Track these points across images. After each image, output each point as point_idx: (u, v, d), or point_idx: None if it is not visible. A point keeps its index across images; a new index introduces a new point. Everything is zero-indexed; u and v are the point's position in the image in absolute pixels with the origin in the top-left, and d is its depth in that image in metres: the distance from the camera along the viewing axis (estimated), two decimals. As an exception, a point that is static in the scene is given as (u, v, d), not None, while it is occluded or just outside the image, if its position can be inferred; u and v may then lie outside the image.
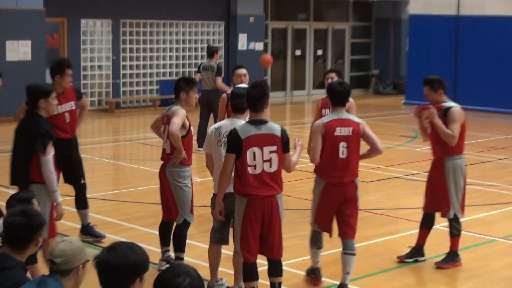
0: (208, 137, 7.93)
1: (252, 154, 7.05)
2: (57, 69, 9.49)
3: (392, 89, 30.20)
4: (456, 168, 8.89)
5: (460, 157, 8.97)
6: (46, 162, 7.50)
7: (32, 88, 7.72)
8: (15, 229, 5.08)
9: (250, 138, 7.05)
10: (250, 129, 7.08)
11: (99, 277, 4.22)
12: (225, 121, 7.92)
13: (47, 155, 7.52)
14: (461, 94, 24.35)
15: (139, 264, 4.21)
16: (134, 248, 4.23)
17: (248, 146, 7.04)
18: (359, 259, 9.18)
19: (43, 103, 7.63)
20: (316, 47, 29.79)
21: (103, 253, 4.19)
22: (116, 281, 4.18)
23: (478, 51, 24.57)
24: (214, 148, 7.80)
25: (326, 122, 7.88)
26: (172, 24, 25.02)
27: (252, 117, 7.20)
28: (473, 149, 16.81)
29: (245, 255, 7.28)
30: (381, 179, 14.02)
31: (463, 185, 8.96)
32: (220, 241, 7.97)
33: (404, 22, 29.24)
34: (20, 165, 7.65)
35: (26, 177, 7.58)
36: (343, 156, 7.89)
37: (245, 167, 7.07)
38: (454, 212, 8.90)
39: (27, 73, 20.79)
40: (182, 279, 3.84)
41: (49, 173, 7.51)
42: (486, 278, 8.76)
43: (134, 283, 4.21)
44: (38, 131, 7.49)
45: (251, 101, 7.15)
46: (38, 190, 7.42)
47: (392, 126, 21.34)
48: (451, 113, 8.80)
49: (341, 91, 7.95)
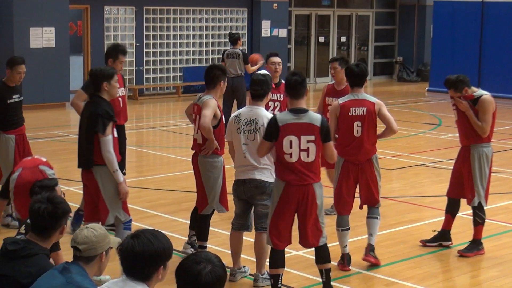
0: (229, 124, 7.93)
1: (289, 142, 7.09)
2: (111, 53, 9.53)
3: (416, 76, 30.04)
4: (482, 156, 8.83)
5: (487, 145, 8.90)
6: (105, 142, 7.64)
7: (95, 71, 7.94)
8: (40, 216, 5.12)
9: (287, 126, 7.09)
10: (289, 117, 7.14)
11: (122, 264, 4.24)
12: (244, 109, 7.92)
13: (107, 135, 7.66)
14: (485, 81, 24.18)
15: (163, 252, 4.23)
16: (158, 236, 4.24)
17: (284, 134, 7.08)
18: (382, 247, 9.19)
19: (106, 86, 7.81)
20: (340, 33, 29.67)
21: (127, 241, 4.21)
22: (140, 269, 4.20)
23: (503, 38, 24.34)
24: (234, 136, 7.81)
25: (341, 103, 8.32)
26: (195, 11, 25.01)
27: (292, 105, 7.27)
28: (498, 137, 16.68)
29: (274, 241, 7.30)
30: (405, 167, 13.96)
31: (488, 173, 8.90)
32: (242, 227, 7.98)
33: (429, 8, 29.03)
34: (84, 147, 7.82)
35: (89, 159, 7.75)
36: (357, 134, 8.25)
37: (282, 155, 7.12)
38: (479, 200, 8.85)
39: (51, 60, 20.91)
40: (203, 266, 3.85)
41: (108, 153, 7.64)
42: (510, 266, 8.71)
43: (158, 271, 4.23)
44: (98, 112, 7.65)
45: (290, 88, 7.26)
46: (101, 172, 7.68)
47: (416, 113, 21.25)
48: (482, 103, 8.73)
49: (358, 72, 8.32)
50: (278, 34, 26.43)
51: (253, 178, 7.67)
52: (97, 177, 7.75)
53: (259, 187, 7.68)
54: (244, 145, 7.71)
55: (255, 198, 7.74)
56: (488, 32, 24.75)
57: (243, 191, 7.76)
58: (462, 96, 8.76)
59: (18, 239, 5.21)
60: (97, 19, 22.96)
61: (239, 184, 7.80)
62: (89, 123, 7.72)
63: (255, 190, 7.70)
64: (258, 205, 7.77)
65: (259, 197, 7.71)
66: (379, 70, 30.89)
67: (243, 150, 7.71)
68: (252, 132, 7.67)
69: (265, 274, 7.89)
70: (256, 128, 7.65)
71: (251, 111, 7.74)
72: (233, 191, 7.91)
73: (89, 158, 7.74)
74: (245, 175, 7.73)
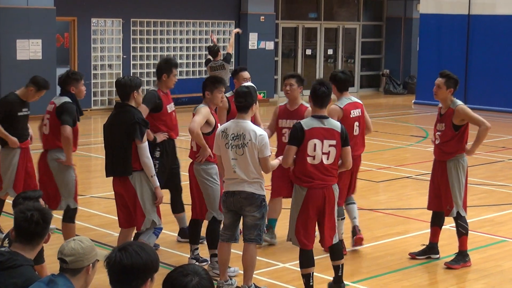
0: (216, 138, 7.96)
1: (313, 145, 7.53)
2: (165, 68, 9.36)
3: (403, 88, 30.14)
4: (458, 167, 8.87)
5: (462, 155, 8.93)
6: (143, 149, 7.87)
7: (125, 81, 8.04)
8: (32, 224, 5.12)
9: (312, 130, 7.55)
10: (314, 123, 7.61)
11: (110, 277, 4.22)
12: (230, 123, 7.91)
13: (144, 142, 7.88)
14: (472, 93, 24.34)
15: (151, 264, 4.23)
16: (145, 248, 4.24)
17: (309, 138, 7.53)
18: (369, 259, 9.20)
19: (136, 94, 7.99)
20: (327, 46, 29.76)
21: (115, 254, 4.19)
22: (128, 281, 4.18)
23: (489, 51, 24.49)
24: (222, 150, 7.84)
25: (343, 107, 9.03)
26: (182, 23, 25.04)
27: (316, 112, 7.71)
28: (484, 149, 16.76)
29: (304, 242, 7.63)
30: (391, 179, 14.00)
31: (465, 183, 8.94)
32: (230, 239, 8.00)
33: (415, 21, 29.17)
34: (120, 156, 7.92)
35: (127, 166, 7.89)
36: (356, 133, 9.13)
37: (305, 157, 7.52)
38: (457, 210, 8.88)
39: (38, 72, 20.64)
40: (190, 279, 3.84)
41: (147, 159, 7.88)
42: (496, 279, 8.73)
43: (145, 283, 4.22)
44: (135, 120, 7.82)
45: (319, 98, 7.69)
46: (138, 177, 7.90)
47: (403, 125, 21.31)
48: (458, 113, 8.78)
49: (346, 77, 9.24)
50: (265, 47, 26.48)
51: (243, 190, 7.73)
52: (135, 183, 7.91)
53: (248, 198, 7.73)
54: (233, 160, 7.75)
55: (244, 210, 7.79)
56: (474, 45, 24.90)
57: (232, 202, 7.81)
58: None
59: (2, 251, 5.19)
60: (84, 31, 22.94)
61: (228, 196, 7.85)
62: (126, 131, 7.84)
63: (244, 201, 7.74)
64: (247, 216, 7.80)
65: (249, 208, 7.75)
66: (366, 83, 30.98)
67: (232, 165, 7.75)
68: (240, 147, 7.71)
69: (252, 286, 7.90)
70: (244, 143, 7.69)
71: (237, 125, 7.76)
72: (222, 203, 7.97)
73: (128, 166, 7.89)
74: (234, 187, 7.78)
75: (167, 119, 9.23)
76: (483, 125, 8.74)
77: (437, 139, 8.97)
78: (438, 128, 8.99)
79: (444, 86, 8.87)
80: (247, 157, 7.66)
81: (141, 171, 7.90)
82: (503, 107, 24.03)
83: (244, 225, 7.87)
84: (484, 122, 8.75)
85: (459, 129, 8.80)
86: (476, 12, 24.86)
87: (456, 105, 8.81)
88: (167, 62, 9.47)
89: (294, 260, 8.78)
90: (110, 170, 8.11)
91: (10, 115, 9.56)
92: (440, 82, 8.90)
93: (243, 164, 7.68)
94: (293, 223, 7.67)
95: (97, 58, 23.44)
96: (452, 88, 8.87)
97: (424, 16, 26.21)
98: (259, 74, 25.82)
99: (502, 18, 24.32)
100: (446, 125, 8.85)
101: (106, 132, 8.14)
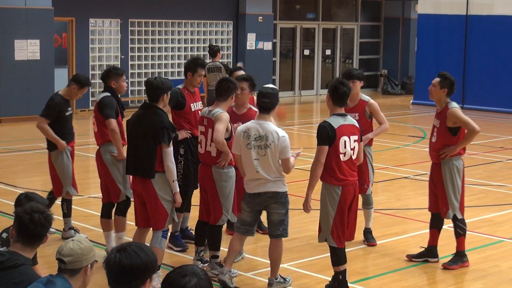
0: (236, 139, 8.00)
1: (343, 142, 7.74)
2: (190, 67, 9.44)
3: (401, 89, 30.16)
4: (453, 169, 8.87)
5: (458, 158, 8.93)
6: (168, 153, 7.90)
7: (157, 84, 8.04)
8: (38, 227, 5.15)
9: (341, 128, 7.74)
10: (340, 120, 7.79)
11: (109, 278, 4.22)
12: (252, 123, 7.97)
13: (170, 146, 7.91)
14: (470, 94, 24.35)
15: (150, 264, 4.23)
16: (144, 249, 4.24)
17: (340, 135, 7.71)
18: (367, 260, 9.20)
19: (165, 97, 8.04)
20: (325, 46, 29.77)
21: (114, 254, 4.19)
22: (128, 282, 4.18)
23: (487, 51, 24.50)
24: (244, 151, 7.91)
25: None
26: (180, 24, 25.03)
27: (336, 111, 7.87)
28: (482, 150, 16.78)
29: (342, 240, 7.83)
30: (389, 180, 14.00)
31: (461, 185, 8.94)
32: (248, 233, 8.18)
33: (413, 21, 29.20)
34: (144, 157, 7.93)
35: (152, 168, 7.90)
36: None
37: (338, 155, 7.72)
38: (454, 213, 8.88)
39: (36, 73, 20.88)
40: (189, 279, 3.85)
41: (171, 163, 7.91)
42: (494, 279, 8.73)
43: (145, 284, 4.22)
44: (164, 124, 7.86)
45: (341, 97, 7.84)
46: (161, 179, 7.91)
47: (401, 126, 21.31)
48: (450, 116, 8.80)
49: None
50: (263, 47, 26.49)
51: (267, 191, 7.90)
52: (157, 184, 7.93)
53: (273, 197, 7.91)
54: (256, 160, 7.85)
55: (269, 207, 7.99)
56: (472, 46, 24.91)
57: (258, 203, 7.99)
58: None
59: (2, 251, 5.21)
60: (82, 32, 22.93)
61: (253, 197, 7.97)
62: (154, 133, 7.86)
63: (269, 200, 7.93)
64: (273, 214, 7.99)
65: (274, 205, 7.94)
66: (364, 83, 30.91)
67: (255, 165, 7.85)
68: (262, 148, 7.81)
69: (278, 278, 8.11)
70: (266, 144, 7.81)
71: (260, 126, 7.87)
72: (246, 203, 8.08)
73: (152, 168, 7.92)
74: (259, 188, 7.91)
75: (190, 117, 9.27)
76: (471, 128, 8.73)
77: (434, 136, 8.99)
78: (434, 124, 9.03)
79: (438, 86, 8.90)
80: (269, 158, 7.80)
81: (162, 173, 7.93)
82: (501, 107, 24.04)
83: (270, 222, 8.06)
84: (473, 125, 8.74)
85: (457, 133, 8.81)
86: (474, 12, 24.88)
87: (450, 107, 8.83)
88: (193, 61, 9.58)
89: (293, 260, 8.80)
90: (132, 170, 8.12)
91: (59, 117, 9.70)
92: (435, 81, 8.96)
93: (265, 164, 7.81)
94: (329, 224, 7.79)
95: (95, 58, 23.43)
96: (446, 89, 8.87)
97: (422, 17, 26.22)
98: (257, 74, 25.61)
99: (500, 19, 24.33)
100: (441, 123, 8.87)
101: (131, 131, 8.13)
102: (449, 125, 8.81)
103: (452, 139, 8.81)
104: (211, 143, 8.35)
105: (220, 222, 8.49)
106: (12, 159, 15.75)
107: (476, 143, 16.67)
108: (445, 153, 8.82)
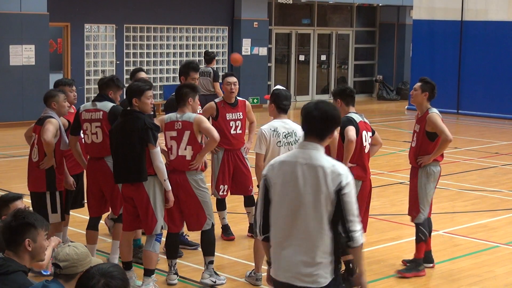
0: (261, 137, 8.02)
1: (364, 136, 8.39)
2: (183, 71, 9.64)
3: (396, 94, 30.20)
4: (429, 174, 8.90)
5: (436, 163, 8.94)
6: (157, 153, 7.91)
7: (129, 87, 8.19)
8: (12, 230, 5.10)
9: (361, 123, 8.42)
10: (358, 117, 8.44)
11: None
12: (275, 122, 8.09)
13: (157, 147, 7.91)
14: (465, 99, 24.38)
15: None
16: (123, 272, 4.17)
17: (362, 129, 8.38)
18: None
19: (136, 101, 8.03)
20: (320, 52, 29.80)
21: (100, 282, 4.05)
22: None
23: (482, 57, 24.55)
24: (273, 149, 7.99)
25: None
26: (176, 29, 25.04)
27: (352, 110, 8.49)
28: (477, 155, 16.80)
29: None
30: (384, 185, 14.01)
31: (433, 191, 8.98)
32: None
33: (408, 27, 29.25)
34: (134, 162, 7.89)
35: (143, 172, 7.89)
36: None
37: (362, 148, 8.38)
38: (424, 217, 8.90)
39: (31, 78, 20.86)
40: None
41: (160, 163, 7.91)
42: (489, 284, 8.74)
43: None
44: (147, 125, 7.86)
45: (350, 96, 8.52)
46: (152, 182, 7.92)
47: (396, 131, 21.34)
48: (429, 120, 8.85)
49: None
50: (258, 53, 26.51)
51: None
52: (148, 188, 7.93)
53: None
54: None
55: None
56: (467, 51, 24.96)
57: None
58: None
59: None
60: (77, 37, 22.93)
61: None
62: (138, 136, 7.85)
63: None
64: None
65: None
66: (359, 89, 31.01)
67: None
68: (293, 143, 7.96)
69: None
70: (296, 139, 8.01)
71: (285, 124, 8.13)
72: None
73: (143, 172, 7.90)
74: None
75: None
76: (445, 136, 8.76)
77: (414, 141, 9.04)
78: (415, 129, 9.10)
79: (420, 89, 9.00)
80: None
81: (154, 176, 7.93)
82: (496, 113, 24.07)
83: None
84: (447, 134, 8.76)
85: (434, 140, 8.85)
86: (469, 18, 24.93)
87: (430, 112, 8.89)
88: (186, 65, 9.72)
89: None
90: (122, 177, 8.04)
91: None
92: (417, 86, 9.07)
93: None
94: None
95: (90, 63, 23.42)
96: (427, 92, 8.96)
97: (417, 22, 26.27)
98: (252, 80, 25.89)
99: (495, 24, 24.38)
100: (420, 128, 8.93)
101: (116, 140, 8.04)
102: (428, 129, 8.88)
103: (430, 145, 8.86)
104: (186, 147, 8.27)
105: (205, 227, 8.44)
106: (7, 165, 15.72)
107: (471, 149, 16.70)
108: (421, 161, 8.88)
